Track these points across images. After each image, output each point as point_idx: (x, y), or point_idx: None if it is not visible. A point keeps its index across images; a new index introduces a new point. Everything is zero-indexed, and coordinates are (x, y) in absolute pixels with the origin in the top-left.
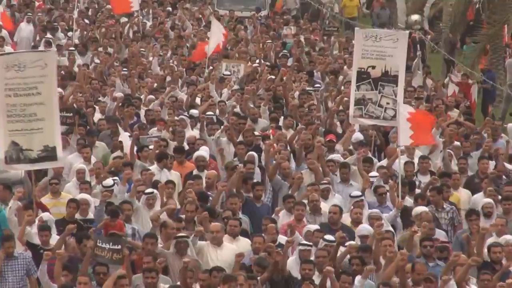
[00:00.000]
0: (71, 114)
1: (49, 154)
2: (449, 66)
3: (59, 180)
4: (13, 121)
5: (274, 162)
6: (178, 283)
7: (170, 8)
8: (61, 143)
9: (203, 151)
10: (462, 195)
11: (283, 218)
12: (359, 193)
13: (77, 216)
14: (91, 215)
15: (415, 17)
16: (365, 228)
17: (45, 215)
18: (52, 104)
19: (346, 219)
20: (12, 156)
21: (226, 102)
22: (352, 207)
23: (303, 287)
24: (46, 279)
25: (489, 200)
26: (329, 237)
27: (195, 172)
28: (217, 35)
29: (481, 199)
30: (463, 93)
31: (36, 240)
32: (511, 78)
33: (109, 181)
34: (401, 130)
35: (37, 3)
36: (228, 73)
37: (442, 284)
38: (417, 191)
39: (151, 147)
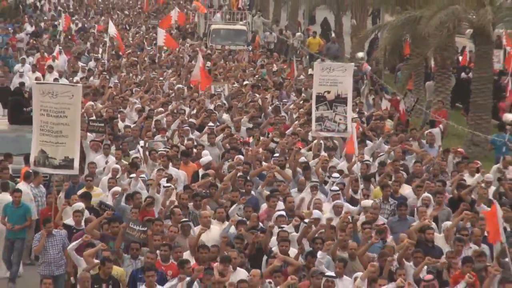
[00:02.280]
0: (103, 124)
1: (68, 164)
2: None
3: (92, 178)
4: (44, 134)
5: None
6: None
7: None
8: (91, 147)
9: (208, 156)
10: (404, 190)
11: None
12: (337, 188)
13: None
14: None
15: (360, 54)
16: (316, 212)
17: (76, 205)
18: (75, 126)
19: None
20: (39, 161)
21: (216, 113)
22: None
23: (280, 246)
24: (73, 253)
25: (427, 194)
26: (329, 273)
27: (201, 171)
28: (197, 69)
29: (411, 194)
30: (393, 106)
31: (71, 222)
32: (429, 96)
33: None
34: (354, 139)
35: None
36: (219, 91)
37: (387, 263)
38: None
39: (159, 150)
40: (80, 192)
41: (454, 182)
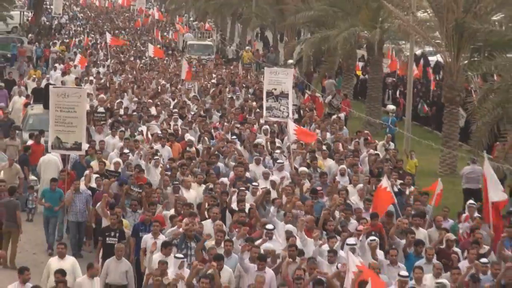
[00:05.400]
0: (104, 115)
1: (77, 146)
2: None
3: (102, 151)
4: (58, 125)
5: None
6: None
7: None
8: (96, 131)
9: (191, 137)
10: (328, 162)
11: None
12: (282, 161)
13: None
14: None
15: (290, 61)
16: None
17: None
18: (82, 118)
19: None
20: (55, 145)
21: (191, 105)
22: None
23: (238, 205)
24: (100, 210)
25: (343, 165)
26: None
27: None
28: (185, 70)
29: (334, 166)
30: (313, 100)
31: (94, 185)
32: (328, 94)
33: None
34: (290, 128)
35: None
36: (190, 87)
37: (323, 215)
38: None
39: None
40: (93, 163)
41: (368, 157)
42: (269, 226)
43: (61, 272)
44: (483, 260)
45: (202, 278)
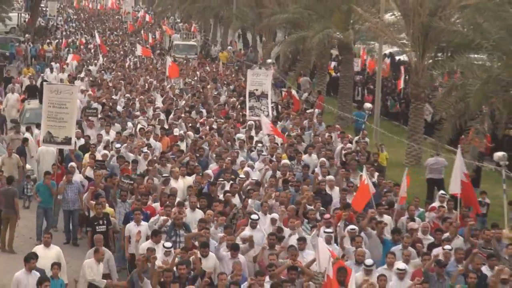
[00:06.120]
0: (95, 111)
1: (67, 141)
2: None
3: (96, 145)
4: (50, 120)
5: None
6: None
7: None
8: (88, 126)
9: (180, 131)
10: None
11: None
12: (265, 153)
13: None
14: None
15: (269, 60)
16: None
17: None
18: (73, 114)
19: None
20: (47, 139)
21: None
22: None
23: (225, 196)
24: (85, 200)
25: (323, 159)
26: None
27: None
28: (170, 67)
29: (313, 159)
30: (289, 96)
31: (91, 175)
32: (304, 90)
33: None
34: (264, 122)
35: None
36: (175, 84)
37: (302, 204)
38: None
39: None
40: (87, 155)
41: (342, 150)
42: (254, 216)
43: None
44: (447, 246)
45: (178, 264)
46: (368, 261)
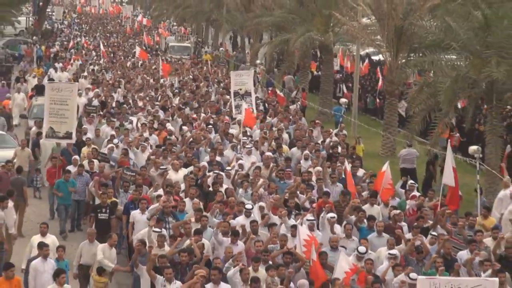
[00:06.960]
0: (95, 108)
1: (68, 136)
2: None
3: (97, 138)
4: (52, 116)
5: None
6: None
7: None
8: (87, 121)
9: (171, 127)
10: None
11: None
12: (250, 145)
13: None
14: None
15: (258, 61)
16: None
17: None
18: (74, 111)
19: None
20: (49, 134)
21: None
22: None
23: (214, 187)
24: (93, 189)
25: (306, 151)
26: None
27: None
28: (163, 67)
29: (296, 151)
30: (274, 93)
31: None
32: (287, 84)
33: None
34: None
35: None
36: (171, 82)
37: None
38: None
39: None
40: (84, 149)
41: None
42: (248, 206)
43: (45, 246)
44: (433, 232)
45: (181, 252)
46: (361, 249)
